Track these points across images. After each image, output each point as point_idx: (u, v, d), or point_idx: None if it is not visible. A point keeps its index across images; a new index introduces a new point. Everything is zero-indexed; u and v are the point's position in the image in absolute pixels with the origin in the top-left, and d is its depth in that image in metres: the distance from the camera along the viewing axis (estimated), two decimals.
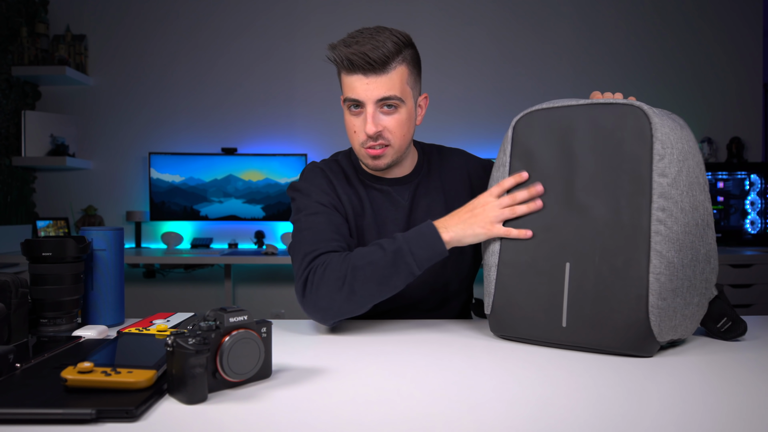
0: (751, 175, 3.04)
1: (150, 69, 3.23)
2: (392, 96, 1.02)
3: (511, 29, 3.28)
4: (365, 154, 1.07)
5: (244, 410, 0.60)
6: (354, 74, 1.02)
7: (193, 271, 3.20)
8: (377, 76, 1.01)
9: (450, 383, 0.69)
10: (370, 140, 1.04)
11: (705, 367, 0.75)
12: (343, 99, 1.06)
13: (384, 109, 1.03)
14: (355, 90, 1.02)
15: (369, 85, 1.01)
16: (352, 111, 1.05)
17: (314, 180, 1.12)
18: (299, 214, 1.08)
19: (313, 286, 0.94)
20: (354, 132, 1.06)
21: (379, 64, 1.00)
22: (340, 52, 1.01)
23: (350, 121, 1.07)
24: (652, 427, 0.55)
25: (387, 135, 1.05)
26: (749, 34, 3.30)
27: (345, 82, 1.04)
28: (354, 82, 1.02)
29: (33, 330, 0.91)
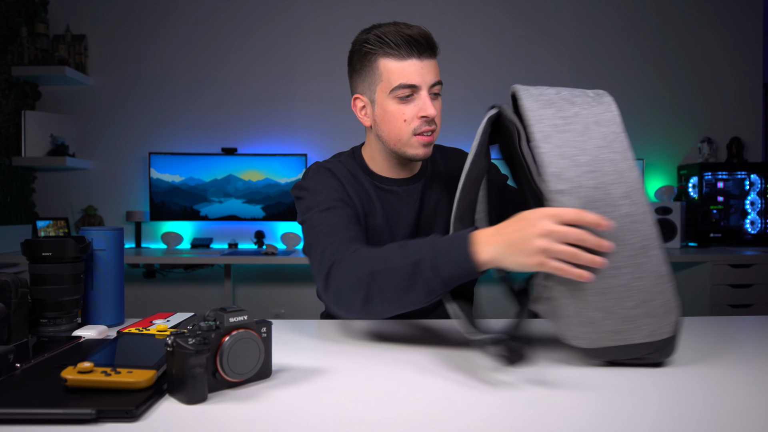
0: (751, 175, 3.04)
1: (150, 69, 3.23)
2: (440, 81, 1.04)
3: (511, 29, 3.28)
4: (417, 143, 1.04)
5: (244, 410, 0.60)
6: (409, 59, 1.00)
7: (193, 271, 3.20)
8: (429, 59, 1.02)
9: (450, 383, 0.69)
10: (426, 125, 1.03)
11: (700, 365, 0.75)
12: (389, 88, 1.02)
13: (432, 96, 1.04)
14: (410, 75, 1.01)
15: (423, 69, 1.01)
16: (401, 100, 1.02)
17: (321, 178, 1.08)
18: (310, 211, 1.02)
19: (335, 284, 0.87)
20: (404, 121, 1.03)
21: (433, 46, 1.02)
22: (394, 34, 1.00)
23: (398, 110, 1.03)
24: (650, 424, 0.55)
25: (437, 120, 1.05)
26: (749, 34, 3.30)
27: (394, 69, 1.01)
28: (408, 67, 1.01)
29: (33, 330, 0.91)
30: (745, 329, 0.99)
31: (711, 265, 2.71)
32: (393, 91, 1.02)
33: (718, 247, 3.00)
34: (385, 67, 1.02)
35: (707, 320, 1.07)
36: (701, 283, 2.76)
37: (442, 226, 1.14)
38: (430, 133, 1.04)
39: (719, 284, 2.71)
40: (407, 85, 1.01)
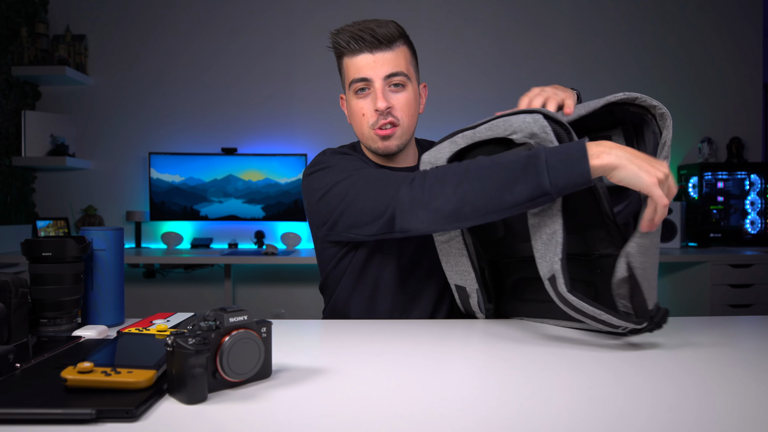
0: (751, 175, 3.04)
1: (150, 69, 3.23)
2: (399, 72, 1.03)
3: (511, 28, 3.28)
4: (374, 137, 1.06)
5: (244, 410, 0.60)
6: (360, 53, 1.02)
7: (193, 271, 3.20)
8: (383, 52, 1.03)
9: (450, 383, 0.69)
10: (381, 118, 1.04)
11: (700, 365, 0.75)
12: (348, 84, 1.05)
13: (392, 88, 1.04)
14: (362, 69, 1.03)
15: (376, 62, 1.02)
16: (358, 94, 1.05)
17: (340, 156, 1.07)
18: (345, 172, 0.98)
19: (428, 186, 0.84)
20: (362, 115, 1.06)
21: (385, 40, 1.02)
22: (344, 33, 1.02)
23: (357, 105, 1.06)
24: (650, 424, 0.55)
25: (396, 113, 1.05)
26: (749, 34, 3.30)
27: (350, 65, 1.04)
28: (360, 62, 1.03)
29: (33, 330, 0.91)
30: (745, 329, 0.99)
31: (711, 265, 2.71)
32: (350, 86, 1.05)
33: (718, 247, 3.00)
34: (346, 64, 1.06)
35: (707, 320, 1.07)
36: (701, 283, 2.76)
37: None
38: (387, 126, 1.05)
39: (719, 284, 2.71)
40: (359, 79, 1.03)
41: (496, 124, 0.84)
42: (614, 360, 0.78)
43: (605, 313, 0.79)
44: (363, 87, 1.04)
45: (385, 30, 1.02)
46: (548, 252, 0.82)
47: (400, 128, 1.06)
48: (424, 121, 3.20)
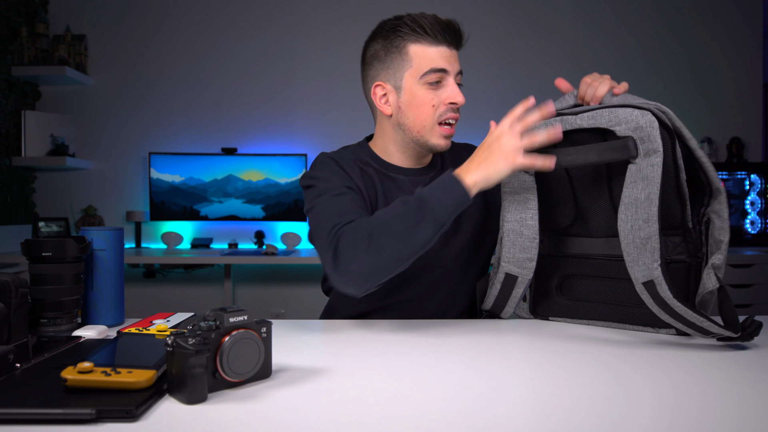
0: (751, 175, 3.04)
1: (150, 69, 3.23)
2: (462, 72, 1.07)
3: (510, 29, 3.28)
4: (439, 133, 1.07)
5: (244, 410, 0.60)
6: (440, 45, 1.03)
7: (193, 271, 3.20)
8: (456, 51, 1.06)
9: (450, 383, 0.69)
10: (451, 112, 1.05)
11: (702, 366, 0.75)
12: (420, 73, 1.03)
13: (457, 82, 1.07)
14: (440, 60, 1.03)
15: (452, 57, 1.05)
16: (431, 86, 1.04)
17: (330, 168, 1.09)
18: (321, 197, 1.02)
19: (342, 251, 0.89)
20: (432, 106, 1.05)
21: (461, 36, 1.06)
22: (430, 20, 1.03)
23: (427, 95, 1.05)
24: (650, 424, 0.55)
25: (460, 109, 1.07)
26: (749, 34, 3.30)
27: (425, 53, 1.03)
28: (438, 53, 1.03)
29: (33, 330, 0.91)
30: None
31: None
32: (424, 76, 1.04)
33: None
34: (416, 52, 1.04)
35: None
36: None
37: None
38: (453, 122, 1.07)
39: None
40: (438, 69, 1.03)
41: (600, 114, 0.87)
42: (614, 361, 0.78)
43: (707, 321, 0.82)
44: (439, 78, 1.04)
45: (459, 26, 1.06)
46: (643, 256, 0.84)
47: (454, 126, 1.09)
48: None
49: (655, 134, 0.82)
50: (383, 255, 0.87)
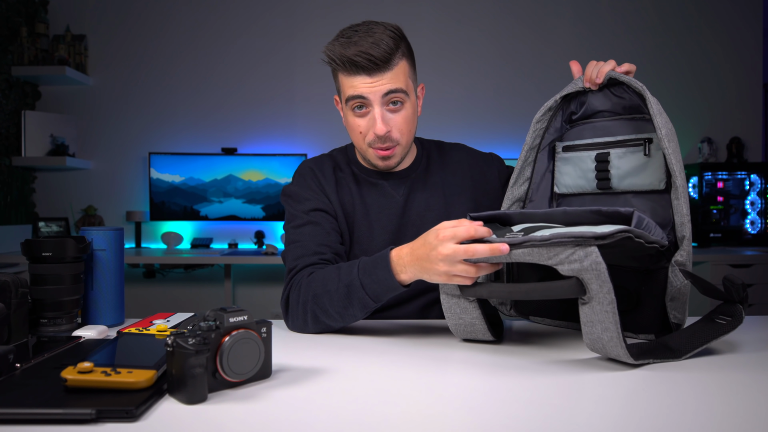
0: (751, 175, 3.04)
1: (150, 69, 3.23)
2: (398, 89, 1.00)
3: (511, 29, 3.28)
4: (374, 155, 1.06)
5: (244, 410, 0.60)
6: (357, 75, 0.99)
7: (193, 271, 3.20)
8: (381, 74, 0.99)
9: (449, 383, 0.69)
10: (378, 141, 1.03)
11: (699, 365, 0.75)
12: (345, 99, 1.03)
13: (390, 107, 1.02)
14: (359, 89, 1.00)
15: (374, 84, 1.00)
16: (356, 112, 1.03)
17: (304, 183, 1.12)
18: (288, 225, 1.09)
19: (290, 309, 0.99)
20: (359, 133, 1.04)
21: (382, 62, 0.98)
22: (339, 54, 0.99)
23: (354, 122, 1.04)
24: (649, 424, 0.55)
25: (395, 135, 1.03)
26: (749, 34, 3.30)
27: (345, 83, 1.01)
28: (357, 82, 1.00)
29: (33, 330, 0.91)
30: (745, 329, 0.98)
31: (711, 265, 2.71)
32: (347, 102, 1.03)
33: (718, 247, 3.00)
34: (340, 79, 1.04)
35: None
36: None
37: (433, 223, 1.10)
38: (386, 148, 1.05)
39: (719, 284, 2.71)
40: (356, 96, 1.01)
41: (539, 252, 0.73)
42: (614, 362, 0.78)
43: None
44: (360, 104, 1.02)
45: (382, 50, 0.97)
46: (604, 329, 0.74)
47: (400, 146, 1.06)
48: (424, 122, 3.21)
49: (602, 277, 0.70)
50: (320, 326, 0.96)
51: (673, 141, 0.88)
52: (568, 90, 0.99)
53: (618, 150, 0.97)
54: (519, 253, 0.74)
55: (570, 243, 0.71)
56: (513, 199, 1.06)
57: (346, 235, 1.10)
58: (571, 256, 0.71)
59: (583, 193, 1.02)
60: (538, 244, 0.73)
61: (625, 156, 0.96)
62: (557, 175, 1.05)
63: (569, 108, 1.02)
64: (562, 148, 1.04)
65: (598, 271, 0.70)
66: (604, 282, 0.70)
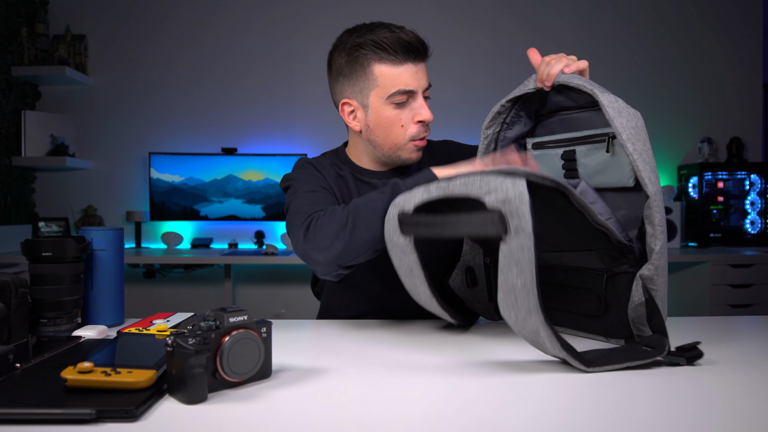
0: (751, 175, 3.04)
1: (150, 69, 3.23)
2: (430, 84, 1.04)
3: (511, 29, 3.28)
4: (411, 148, 1.06)
5: (244, 410, 0.60)
6: (404, 63, 0.99)
7: (193, 271, 3.20)
8: (423, 62, 1.02)
9: (449, 383, 0.69)
10: (423, 130, 1.04)
11: (699, 365, 0.75)
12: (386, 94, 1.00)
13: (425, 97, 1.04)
14: (407, 80, 1.00)
15: (418, 73, 1.01)
16: (397, 105, 1.02)
17: (306, 170, 1.12)
18: (296, 193, 1.04)
19: (317, 228, 0.91)
20: (401, 126, 1.03)
21: (427, 50, 1.01)
22: (389, 39, 0.98)
23: (395, 115, 1.02)
24: (648, 424, 0.55)
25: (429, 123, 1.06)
26: (749, 35, 3.30)
27: (388, 74, 1.00)
28: (403, 73, 0.99)
29: (33, 330, 0.91)
30: (745, 329, 0.99)
31: (711, 265, 2.71)
32: (390, 97, 1.01)
33: (718, 247, 3.00)
34: (381, 72, 1.00)
35: (707, 320, 1.07)
36: (701, 283, 2.76)
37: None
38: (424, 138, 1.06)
39: (719, 284, 2.71)
40: (405, 91, 1.00)
41: (472, 181, 0.73)
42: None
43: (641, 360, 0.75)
44: (406, 99, 1.01)
45: (424, 40, 1.01)
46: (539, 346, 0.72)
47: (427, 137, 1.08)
48: None
49: (523, 209, 0.66)
50: (356, 235, 0.88)
51: (640, 141, 0.80)
52: (517, 93, 0.94)
53: (583, 147, 0.93)
54: (457, 184, 0.75)
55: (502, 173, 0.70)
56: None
57: None
58: (500, 185, 0.69)
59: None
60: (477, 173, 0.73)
61: (591, 153, 0.92)
62: None
63: (533, 105, 0.98)
64: (532, 146, 1.01)
65: (520, 202, 0.66)
66: (523, 215, 0.66)
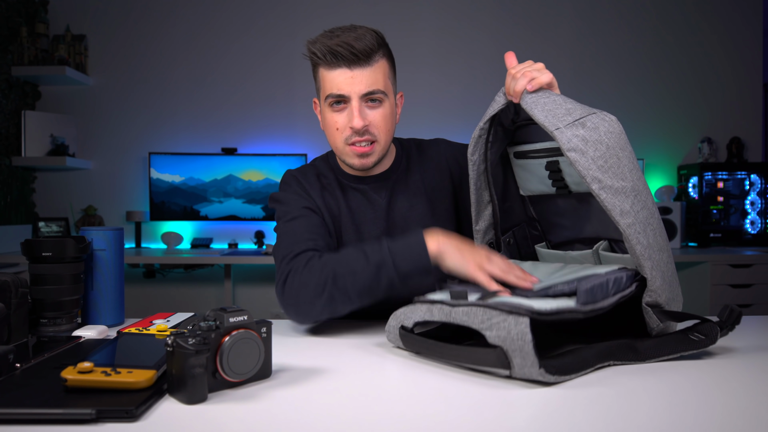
0: (751, 175, 3.04)
1: (150, 69, 3.23)
2: (377, 90, 1.01)
3: (511, 29, 3.28)
4: (351, 153, 1.05)
5: (244, 410, 0.60)
6: (337, 68, 1.00)
7: (193, 271, 3.20)
8: (361, 68, 1.00)
9: (449, 383, 0.69)
10: (356, 135, 1.02)
11: (699, 365, 0.75)
12: (323, 97, 1.03)
13: (368, 104, 1.02)
14: (339, 84, 1.00)
15: (354, 78, 0.99)
16: (333, 108, 1.03)
17: (290, 188, 1.12)
18: (279, 222, 1.08)
19: (293, 289, 0.93)
20: (336, 129, 1.04)
21: (363, 55, 0.99)
22: (321, 45, 0.99)
23: (332, 118, 1.04)
24: (647, 424, 0.55)
25: (373, 130, 1.03)
26: (749, 34, 3.30)
27: (326, 78, 1.02)
28: (337, 77, 1.00)
29: (33, 330, 0.91)
30: (745, 329, 0.98)
31: (711, 265, 2.71)
32: (326, 99, 1.03)
33: (718, 247, 3.00)
34: (321, 75, 1.03)
35: None
36: (701, 283, 2.76)
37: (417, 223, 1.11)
38: (364, 144, 1.03)
39: (719, 284, 2.71)
40: (336, 95, 1.01)
41: (474, 313, 0.72)
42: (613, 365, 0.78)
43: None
44: (339, 100, 1.02)
45: (364, 44, 0.98)
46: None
47: (378, 144, 1.05)
48: (424, 122, 3.21)
49: (527, 349, 0.65)
50: (333, 306, 0.91)
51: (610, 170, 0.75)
52: (491, 112, 0.92)
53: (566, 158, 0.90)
54: (459, 312, 0.74)
55: (505, 310, 0.69)
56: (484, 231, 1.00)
57: (333, 238, 1.10)
58: (502, 323, 0.68)
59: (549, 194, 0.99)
60: (479, 304, 0.72)
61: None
62: (519, 180, 1.02)
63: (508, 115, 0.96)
64: (514, 154, 1.00)
65: (522, 342, 0.65)
66: (527, 355, 0.65)
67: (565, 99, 0.83)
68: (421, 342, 0.79)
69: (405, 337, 0.82)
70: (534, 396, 0.64)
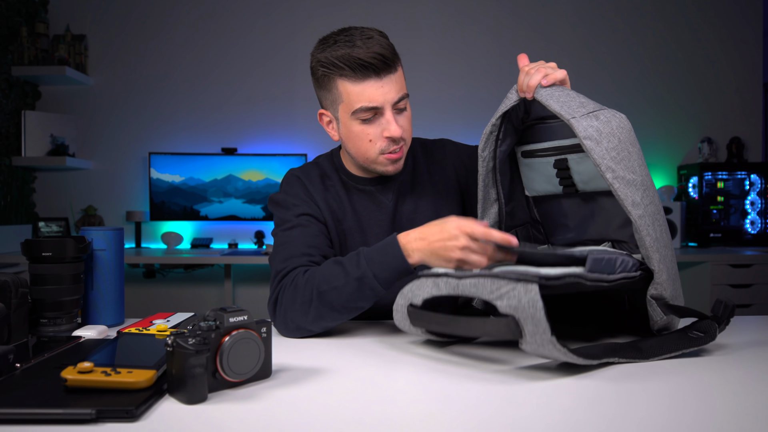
0: (751, 175, 3.03)
1: (150, 69, 3.23)
2: (404, 95, 1.00)
3: (511, 29, 3.28)
4: (385, 161, 1.03)
5: (244, 410, 0.60)
6: (366, 80, 0.96)
7: (193, 271, 3.20)
8: (390, 75, 0.97)
9: (449, 383, 0.69)
10: (393, 144, 1.01)
11: (699, 365, 0.75)
12: (350, 110, 0.98)
13: (396, 112, 1.00)
14: (370, 96, 0.96)
15: (384, 88, 0.97)
16: (363, 121, 0.99)
17: (291, 190, 1.10)
18: (277, 229, 1.06)
19: (282, 308, 0.94)
20: (369, 141, 1.00)
21: (391, 62, 0.97)
22: (345, 57, 0.95)
23: (362, 131, 1.00)
24: (648, 424, 0.55)
25: (405, 135, 1.02)
26: (749, 34, 3.30)
27: (352, 91, 0.97)
28: (367, 89, 0.96)
29: (33, 330, 0.91)
30: (745, 329, 0.99)
31: (711, 265, 2.71)
32: (355, 113, 0.99)
33: (718, 247, 3.00)
34: (345, 88, 0.98)
35: None
36: (701, 283, 2.76)
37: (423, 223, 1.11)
38: (397, 151, 1.03)
39: (719, 284, 2.71)
40: (368, 108, 0.97)
41: (482, 284, 0.72)
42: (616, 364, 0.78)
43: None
44: (372, 115, 0.98)
45: (388, 50, 0.96)
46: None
47: (405, 146, 1.05)
48: (424, 122, 3.21)
49: (539, 316, 0.66)
50: (322, 322, 0.92)
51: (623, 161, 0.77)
52: (503, 108, 0.92)
53: (574, 156, 0.92)
54: (467, 284, 0.75)
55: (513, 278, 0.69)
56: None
57: (336, 241, 1.08)
58: (512, 291, 0.68)
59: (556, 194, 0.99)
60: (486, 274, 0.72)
61: (583, 160, 0.92)
62: (524, 180, 1.02)
63: (518, 114, 0.97)
64: (521, 154, 1.00)
65: (534, 310, 0.65)
66: (539, 323, 0.65)
67: (578, 94, 0.85)
68: (431, 317, 0.79)
69: (413, 314, 0.81)
70: (534, 395, 0.64)
